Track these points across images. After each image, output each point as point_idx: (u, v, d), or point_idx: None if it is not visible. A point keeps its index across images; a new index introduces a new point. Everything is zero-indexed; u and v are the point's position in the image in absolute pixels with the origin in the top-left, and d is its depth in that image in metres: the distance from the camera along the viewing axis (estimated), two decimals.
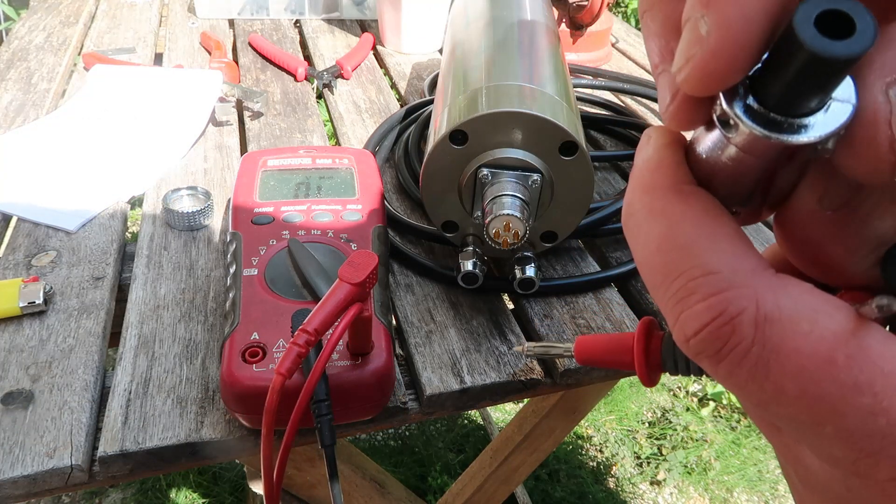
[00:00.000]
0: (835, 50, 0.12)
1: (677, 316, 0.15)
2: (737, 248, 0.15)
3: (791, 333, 0.14)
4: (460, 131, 0.43)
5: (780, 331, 0.14)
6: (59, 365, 0.41)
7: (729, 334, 0.14)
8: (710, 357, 0.15)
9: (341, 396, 0.37)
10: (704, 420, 1.45)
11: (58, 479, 0.36)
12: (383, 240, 0.47)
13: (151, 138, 0.64)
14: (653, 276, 0.16)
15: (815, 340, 0.14)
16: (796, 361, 0.14)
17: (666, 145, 0.17)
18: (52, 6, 0.95)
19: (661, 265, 0.16)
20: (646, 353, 0.21)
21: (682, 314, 0.15)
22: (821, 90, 0.14)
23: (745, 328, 0.14)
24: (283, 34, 0.92)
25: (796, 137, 0.14)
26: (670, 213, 0.16)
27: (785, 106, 0.14)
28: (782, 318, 0.14)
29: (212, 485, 1.24)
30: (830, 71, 0.13)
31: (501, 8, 0.57)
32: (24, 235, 0.51)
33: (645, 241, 0.16)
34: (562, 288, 0.49)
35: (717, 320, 0.14)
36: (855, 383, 0.14)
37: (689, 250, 0.15)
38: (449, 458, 1.31)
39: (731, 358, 0.14)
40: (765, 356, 0.14)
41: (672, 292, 0.15)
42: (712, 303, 0.14)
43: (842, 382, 0.14)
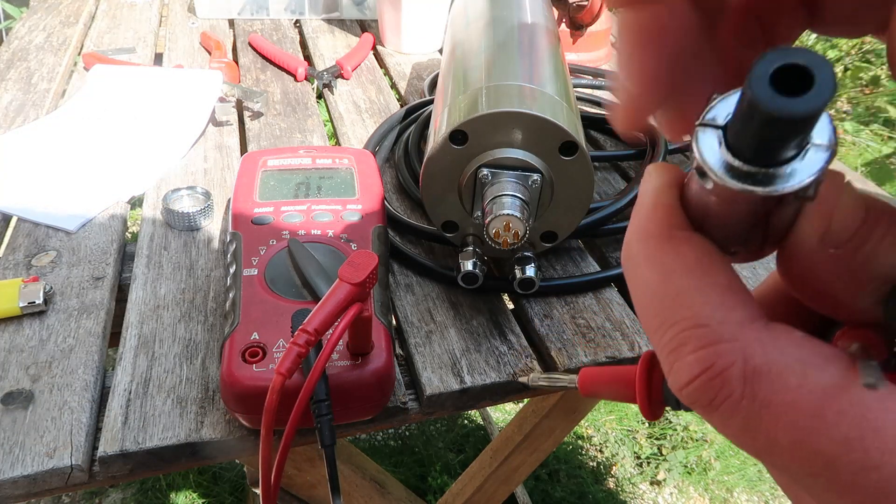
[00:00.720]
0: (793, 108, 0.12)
1: (671, 365, 0.16)
2: (726, 299, 0.15)
3: (780, 388, 0.14)
4: (460, 131, 0.43)
5: (768, 385, 0.14)
6: (59, 365, 0.41)
7: (719, 387, 0.15)
8: (704, 407, 0.15)
9: (341, 396, 0.37)
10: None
11: (58, 479, 0.36)
12: (383, 240, 0.47)
13: (151, 138, 0.64)
14: (648, 323, 0.17)
15: (804, 395, 0.14)
16: (786, 416, 0.14)
17: (661, 187, 0.18)
18: (52, 6, 0.95)
19: (654, 313, 0.16)
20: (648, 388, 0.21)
21: (674, 364, 0.15)
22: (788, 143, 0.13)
23: (733, 382, 0.14)
24: (283, 34, 0.92)
25: (771, 188, 0.14)
26: (662, 261, 0.16)
27: (757, 157, 0.14)
28: (771, 371, 0.14)
29: (212, 485, 1.24)
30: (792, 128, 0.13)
31: (501, 8, 0.57)
32: (24, 235, 0.51)
33: (641, 287, 0.17)
34: (562, 288, 0.49)
35: (706, 373, 0.15)
36: (845, 439, 0.14)
37: (680, 301, 0.16)
38: (449, 458, 1.31)
39: (723, 410, 0.15)
40: (755, 409, 0.14)
41: (665, 341, 0.16)
42: (701, 356, 0.15)
43: (831, 438, 0.14)
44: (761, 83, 0.13)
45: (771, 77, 0.13)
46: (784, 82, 0.13)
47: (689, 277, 0.16)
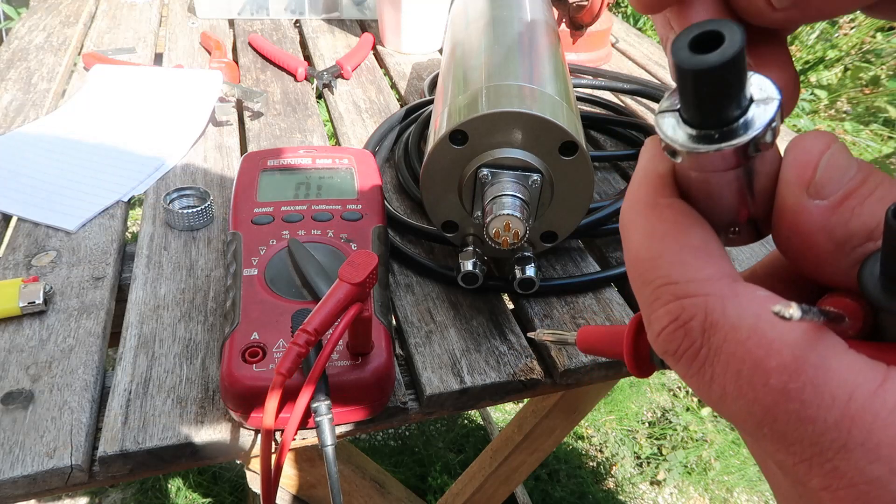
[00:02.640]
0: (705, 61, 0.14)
1: (648, 318, 0.17)
2: (698, 259, 0.17)
3: (731, 339, 0.15)
4: (460, 131, 0.43)
5: (721, 336, 0.15)
6: (59, 365, 0.41)
7: (682, 337, 0.16)
8: (671, 356, 0.17)
9: (341, 396, 0.37)
10: (704, 420, 1.45)
11: (58, 479, 0.36)
12: (383, 240, 0.47)
13: (151, 139, 0.64)
14: (633, 282, 0.18)
15: (752, 347, 0.15)
16: (733, 366, 0.15)
17: (654, 158, 0.19)
18: (52, 6, 0.95)
19: (638, 274, 0.18)
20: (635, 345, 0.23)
21: (651, 316, 0.17)
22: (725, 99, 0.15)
23: (694, 333, 0.16)
24: (283, 34, 0.92)
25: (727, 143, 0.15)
26: (644, 226, 0.18)
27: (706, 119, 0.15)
28: (725, 325, 0.15)
29: (212, 485, 1.24)
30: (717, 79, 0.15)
31: (501, 8, 0.57)
32: (24, 235, 0.51)
33: (629, 251, 0.18)
34: (562, 288, 0.49)
35: (672, 324, 0.16)
36: (784, 388, 0.14)
37: (657, 262, 0.17)
38: (449, 458, 1.31)
39: (685, 359, 0.16)
40: (710, 358, 0.16)
41: (644, 298, 0.17)
42: (670, 308, 0.16)
43: (770, 387, 0.15)
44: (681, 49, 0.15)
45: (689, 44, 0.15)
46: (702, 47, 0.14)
47: (666, 240, 0.17)
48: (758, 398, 0.15)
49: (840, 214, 0.16)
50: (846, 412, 0.14)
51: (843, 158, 0.16)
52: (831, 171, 0.16)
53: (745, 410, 0.15)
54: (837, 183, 0.16)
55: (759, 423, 0.15)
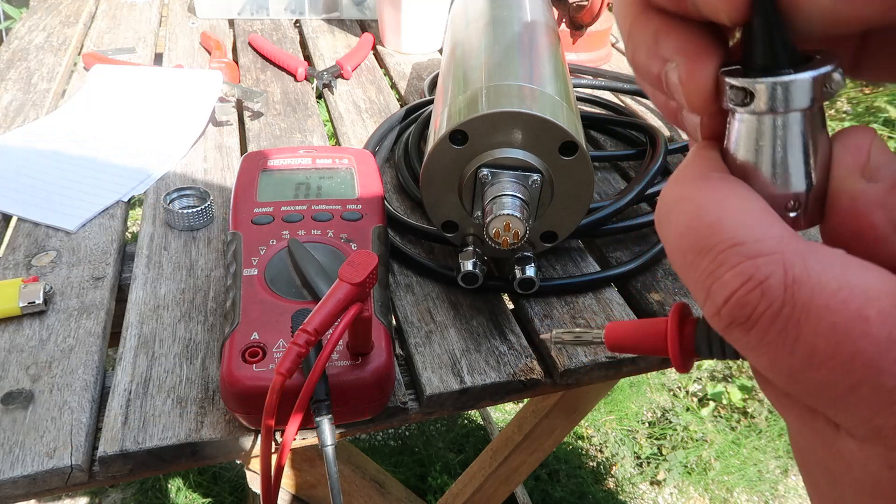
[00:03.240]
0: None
1: (708, 290, 0.15)
2: (763, 220, 0.15)
3: (820, 292, 0.14)
4: (460, 131, 0.43)
5: (808, 290, 0.14)
6: (59, 365, 0.41)
7: (758, 298, 0.14)
8: (741, 325, 0.15)
9: (341, 396, 0.37)
10: (704, 420, 1.45)
11: (58, 479, 0.36)
12: (383, 240, 0.47)
13: (151, 138, 0.64)
14: (683, 259, 0.16)
15: (845, 297, 0.14)
16: (828, 319, 0.14)
17: (701, 146, 0.18)
18: (52, 6, 0.95)
19: (689, 246, 0.16)
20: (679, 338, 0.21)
21: (712, 286, 0.15)
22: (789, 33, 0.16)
23: (774, 291, 0.14)
24: (283, 34, 0.92)
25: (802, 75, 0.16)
26: (697, 197, 0.16)
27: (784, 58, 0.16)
28: (811, 278, 0.14)
29: (212, 485, 1.24)
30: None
31: (501, 8, 0.57)
32: (24, 235, 0.51)
33: (675, 226, 0.17)
34: (562, 288, 0.49)
35: (745, 285, 0.15)
36: (889, 337, 0.13)
37: (716, 227, 0.16)
38: (449, 458, 1.31)
39: (762, 323, 0.15)
40: (795, 316, 0.14)
41: (701, 269, 0.16)
42: (740, 269, 0.15)
43: (874, 337, 0.13)
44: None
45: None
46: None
47: (724, 205, 0.16)
48: (858, 350, 0.13)
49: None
50: None
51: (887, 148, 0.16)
52: (882, 157, 0.16)
53: (840, 370, 0.14)
54: (889, 167, 0.16)
55: (857, 383, 0.14)
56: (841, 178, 0.16)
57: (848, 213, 0.16)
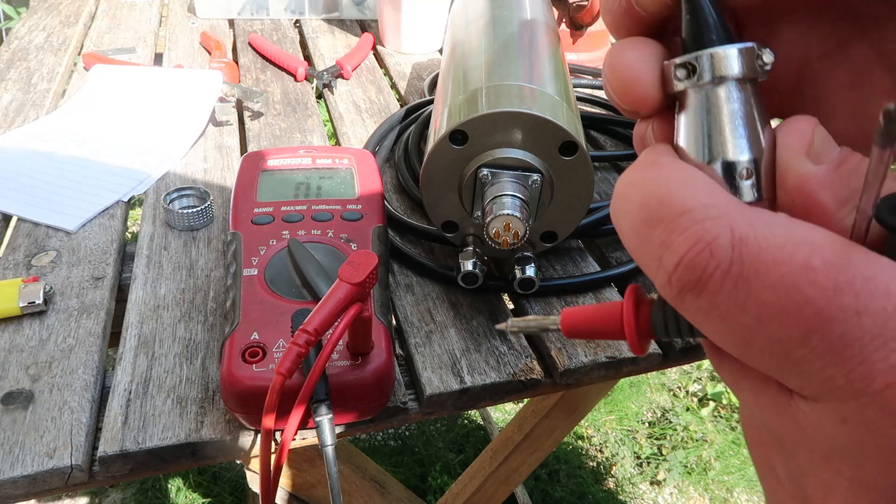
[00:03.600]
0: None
1: (659, 259, 0.16)
2: (710, 189, 0.16)
3: (767, 247, 0.14)
4: (460, 131, 0.43)
5: (755, 247, 0.14)
6: (59, 365, 0.41)
7: (707, 259, 0.15)
8: (692, 289, 0.15)
9: (341, 396, 0.37)
10: (704, 420, 1.45)
11: (58, 479, 0.36)
12: (383, 240, 0.47)
13: (151, 138, 0.64)
14: (636, 236, 0.17)
15: (791, 250, 0.14)
16: (775, 271, 0.14)
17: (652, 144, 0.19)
18: (52, 6, 0.95)
19: (642, 221, 0.16)
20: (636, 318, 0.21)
21: (663, 255, 0.16)
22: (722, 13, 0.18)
23: (722, 251, 0.15)
24: (283, 34, 0.92)
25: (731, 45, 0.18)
26: (647, 177, 0.17)
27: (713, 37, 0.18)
28: (757, 235, 0.15)
29: (212, 485, 1.24)
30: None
31: (501, 8, 0.57)
32: (24, 235, 0.51)
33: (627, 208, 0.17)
34: (562, 288, 0.49)
35: (693, 248, 0.15)
36: (835, 284, 0.14)
37: (666, 199, 0.16)
38: (449, 458, 1.31)
39: (712, 284, 0.15)
40: (744, 273, 0.14)
41: (653, 240, 0.16)
42: (689, 234, 0.15)
43: (821, 285, 0.14)
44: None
45: None
46: None
47: (673, 181, 0.16)
48: (807, 300, 0.14)
49: (841, 175, 0.16)
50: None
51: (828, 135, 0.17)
52: (824, 140, 0.17)
53: (790, 321, 0.14)
54: (832, 150, 0.17)
55: (808, 333, 0.14)
56: (787, 159, 0.17)
57: (796, 192, 0.17)
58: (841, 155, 0.17)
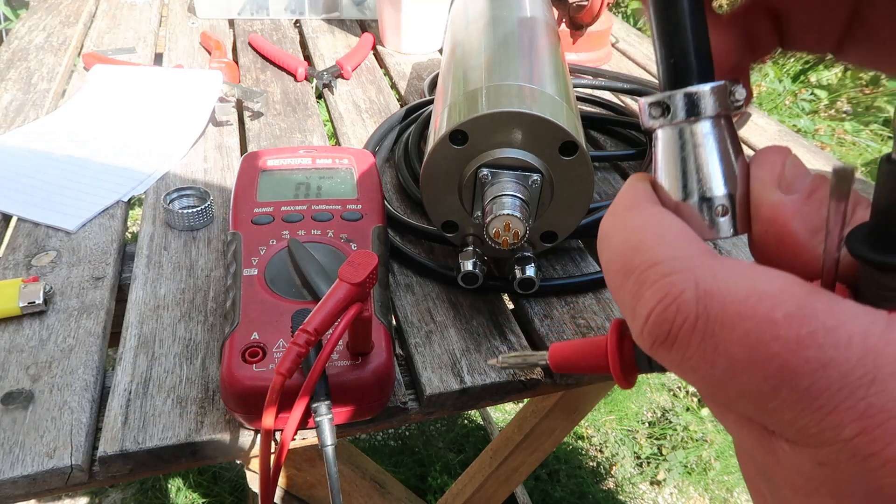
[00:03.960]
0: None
1: (633, 310, 0.16)
2: (680, 240, 0.17)
3: (731, 301, 0.15)
4: (460, 131, 0.43)
5: (720, 300, 0.15)
6: (59, 365, 0.41)
7: (675, 313, 0.15)
8: (663, 343, 0.16)
9: (341, 396, 0.37)
10: (704, 420, 1.45)
11: (58, 479, 0.36)
12: (383, 240, 0.47)
13: (151, 138, 0.64)
14: (614, 282, 0.18)
15: (754, 303, 0.14)
16: (740, 326, 0.14)
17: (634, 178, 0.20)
18: (52, 6, 0.95)
19: (617, 269, 0.17)
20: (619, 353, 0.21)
21: (636, 307, 0.16)
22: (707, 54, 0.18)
23: (688, 305, 0.15)
24: (283, 34, 0.92)
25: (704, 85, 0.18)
26: (624, 225, 0.18)
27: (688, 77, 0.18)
28: (720, 289, 0.15)
29: (212, 485, 1.24)
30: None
31: (501, 8, 0.57)
32: (24, 235, 0.51)
33: (606, 253, 0.18)
34: (562, 288, 0.49)
35: (661, 302, 0.15)
36: (797, 337, 0.14)
37: (638, 249, 0.17)
38: (449, 458, 1.31)
39: (681, 338, 0.15)
40: (710, 328, 0.15)
41: (626, 290, 0.17)
42: (656, 288, 0.16)
43: (784, 339, 0.14)
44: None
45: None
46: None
47: (646, 232, 0.17)
48: (772, 354, 0.14)
49: (811, 204, 0.17)
50: (867, 347, 0.13)
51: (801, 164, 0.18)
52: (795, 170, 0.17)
53: (758, 375, 0.14)
54: (803, 180, 0.17)
55: (777, 386, 0.14)
56: (759, 190, 0.18)
57: (769, 222, 0.17)
58: (812, 184, 0.17)
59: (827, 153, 0.79)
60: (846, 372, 0.13)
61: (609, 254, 0.18)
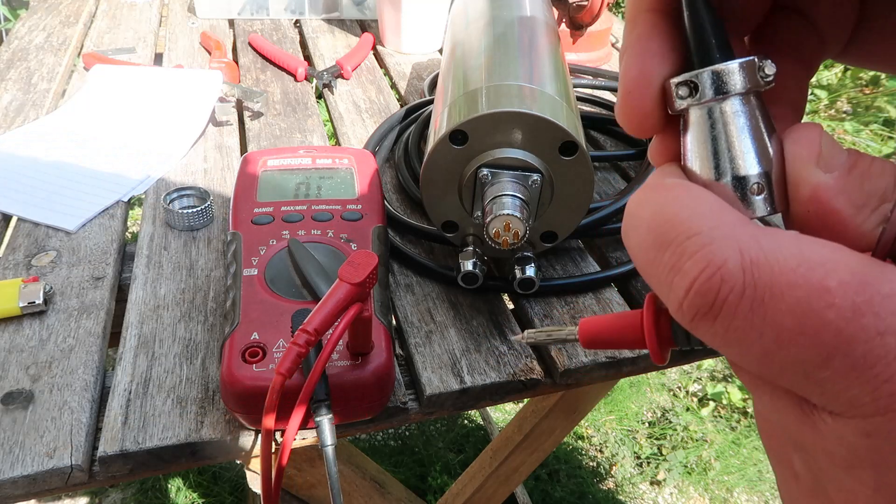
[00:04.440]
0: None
1: (670, 284, 0.16)
2: (716, 210, 0.16)
3: (780, 270, 0.14)
4: (460, 131, 0.43)
5: (768, 270, 0.14)
6: (59, 365, 0.41)
7: (719, 284, 0.14)
8: (706, 315, 0.15)
9: (341, 396, 0.37)
10: (704, 420, 1.45)
11: (58, 479, 0.36)
12: (383, 240, 0.47)
13: (151, 138, 0.64)
14: (646, 259, 0.16)
15: (805, 272, 0.14)
16: (791, 295, 0.14)
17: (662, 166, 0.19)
18: (52, 6, 0.95)
19: (651, 244, 0.16)
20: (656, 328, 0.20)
21: (674, 280, 0.15)
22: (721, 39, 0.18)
23: (733, 275, 0.14)
24: (283, 34, 0.92)
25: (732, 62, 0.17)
26: (655, 200, 0.17)
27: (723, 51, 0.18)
28: (768, 258, 0.14)
29: (212, 485, 1.24)
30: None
31: (501, 8, 0.57)
32: (24, 235, 0.51)
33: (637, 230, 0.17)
34: (562, 288, 0.49)
35: (704, 272, 0.15)
36: (853, 305, 0.13)
37: (674, 222, 0.16)
38: (449, 458, 1.31)
39: (726, 309, 0.14)
40: (759, 297, 0.14)
41: (663, 264, 0.16)
42: (697, 258, 0.15)
43: (839, 307, 0.13)
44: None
45: None
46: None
47: (680, 204, 0.16)
48: (826, 323, 0.13)
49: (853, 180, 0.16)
50: None
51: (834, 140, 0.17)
52: (833, 148, 0.17)
53: (809, 344, 0.14)
54: (840, 157, 0.17)
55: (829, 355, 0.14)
56: (798, 169, 0.17)
57: (811, 202, 0.17)
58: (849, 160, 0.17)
59: None
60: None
61: (639, 231, 0.17)
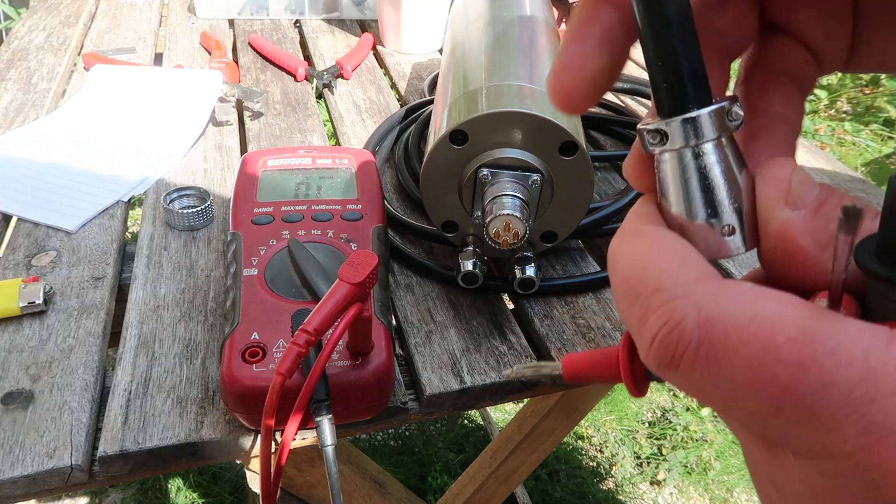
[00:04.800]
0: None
1: (639, 334, 0.17)
2: (682, 265, 0.17)
3: (733, 327, 0.15)
4: (460, 131, 0.43)
5: (721, 326, 0.15)
6: (59, 365, 0.41)
7: (677, 339, 0.16)
8: (667, 365, 0.16)
9: (341, 396, 0.37)
10: (704, 420, 1.45)
11: (58, 479, 0.36)
12: (383, 240, 0.47)
13: (151, 138, 0.64)
14: (620, 307, 0.18)
15: (756, 329, 0.15)
16: (742, 351, 0.15)
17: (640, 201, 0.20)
18: (52, 6, 0.95)
19: (624, 294, 0.18)
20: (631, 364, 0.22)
21: (641, 331, 0.17)
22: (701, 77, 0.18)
23: (689, 330, 0.16)
24: (283, 34, 0.92)
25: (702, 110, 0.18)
26: (629, 250, 0.18)
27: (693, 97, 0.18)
28: (723, 315, 0.15)
29: (212, 485, 1.24)
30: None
31: (501, 8, 0.57)
32: (24, 235, 0.51)
33: (614, 278, 0.19)
34: (562, 288, 0.49)
35: (664, 327, 0.16)
36: (798, 361, 0.14)
37: (642, 275, 0.17)
38: (449, 458, 1.31)
39: (685, 362, 0.16)
40: (713, 353, 0.15)
41: (634, 314, 0.17)
42: (660, 313, 0.16)
43: (786, 362, 0.14)
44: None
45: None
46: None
47: (650, 255, 0.18)
48: (774, 378, 0.14)
49: (819, 219, 0.17)
50: (867, 367, 0.14)
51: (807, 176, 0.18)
52: (802, 185, 0.18)
53: (761, 397, 0.15)
54: (809, 193, 0.17)
55: (779, 407, 0.15)
56: (766, 208, 0.18)
57: (777, 239, 0.18)
58: (819, 198, 0.17)
59: (827, 153, 0.79)
60: (847, 391, 0.14)
61: (616, 278, 0.18)
